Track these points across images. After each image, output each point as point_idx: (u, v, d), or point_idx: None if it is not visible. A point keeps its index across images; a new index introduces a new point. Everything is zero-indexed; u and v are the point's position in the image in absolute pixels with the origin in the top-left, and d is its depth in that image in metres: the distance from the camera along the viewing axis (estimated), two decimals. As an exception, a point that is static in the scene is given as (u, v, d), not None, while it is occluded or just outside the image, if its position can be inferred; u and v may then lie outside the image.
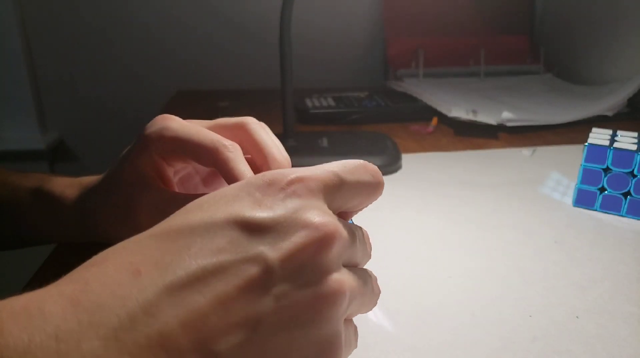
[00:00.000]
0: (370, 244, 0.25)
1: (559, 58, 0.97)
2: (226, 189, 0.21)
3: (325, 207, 0.21)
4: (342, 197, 0.22)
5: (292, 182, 0.20)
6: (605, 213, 0.44)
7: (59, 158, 1.07)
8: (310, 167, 0.22)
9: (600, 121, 0.69)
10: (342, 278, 0.20)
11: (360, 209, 0.25)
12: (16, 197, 0.35)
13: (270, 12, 0.83)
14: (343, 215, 0.25)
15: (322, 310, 0.20)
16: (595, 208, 0.44)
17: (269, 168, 0.30)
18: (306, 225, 0.19)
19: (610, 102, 0.72)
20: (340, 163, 0.23)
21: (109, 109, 1.04)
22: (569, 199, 0.46)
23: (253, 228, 0.19)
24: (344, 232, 0.21)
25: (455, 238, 0.40)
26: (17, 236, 0.37)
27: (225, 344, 0.17)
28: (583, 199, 0.44)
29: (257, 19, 1.00)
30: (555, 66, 0.95)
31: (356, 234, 0.23)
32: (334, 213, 0.21)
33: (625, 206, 0.43)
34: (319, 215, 0.20)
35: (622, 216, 0.43)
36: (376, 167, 0.24)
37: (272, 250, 0.18)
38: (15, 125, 1.00)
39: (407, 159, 0.56)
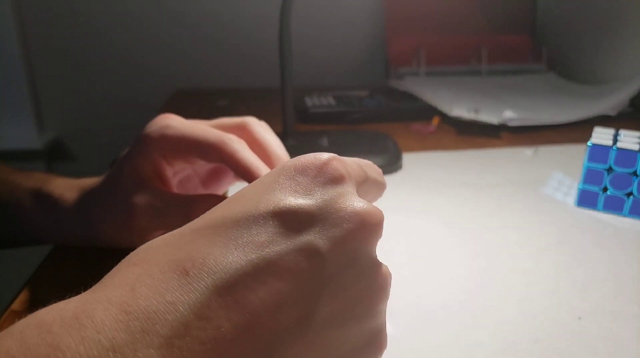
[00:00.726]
0: None
1: (561, 57, 0.96)
2: (264, 177, 0.20)
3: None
4: (363, 191, 0.22)
5: (330, 159, 0.20)
6: (608, 213, 0.43)
7: (56, 157, 1.07)
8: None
9: (603, 120, 0.69)
10: (387, 269, 0.20)
11: None
12: (15, 197, 0.35)
13: (270, 10, 0.83)
14: None
15: (378, 302, 0.19)
16: (597, 208, 0.44)
17: (273, 167, 0.30)
18: (354, 212, 0.18)
19: (612, 101, 0.72)
20: (355, 159, 0.23)
21: (107, 108, 1.04)
22: (571, 199, 0.46)
23: (299, 217, 0.18)
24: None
25: (457, 238, 0.39)
26: (16, 236, 0.37)
27: (279, 342, 0.16)
28: (585, 200, 0.44)
29: (257, 17, 0.99)
30: (558, 65, 0.94)
31: None
32: None
33: (628, 206, 0.42)
34: (362, 201, 0.19)
35: (624, 216, 0.43)
36: (379, 169, 0.25)
37: (322, 239, 0.18)
38: (12, 124, 0.99)
39: (407, 158, 0.56)
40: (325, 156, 0.20)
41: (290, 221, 0.18)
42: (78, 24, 0.99)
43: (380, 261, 0.20)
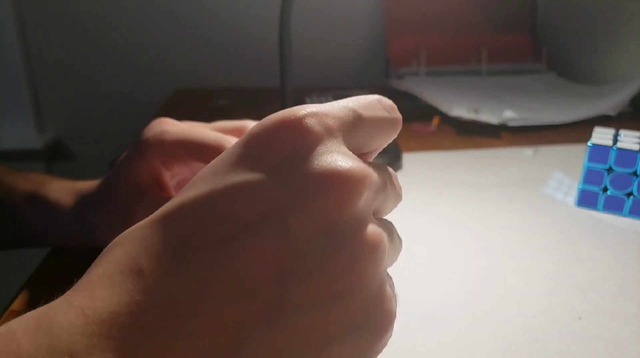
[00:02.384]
0: (399, 185, 0.22)
1: (561, 57, 0.96)
2: (228, 149, 0.18)
3: (346, 149, 0.18)
4: (362, 137, 0.19)
5: (304, 117, 0.17)
6: (608, 213, 0.43)
7: (56, 157, 1.07)
8: (323, 104, 0.19)
9: (603, 120, 0.69)
10: (376, 229, 0.17)
11: (379, 151, 0.22)
12: (11, 199, 0.35)
13: (269, 10, 0.83)
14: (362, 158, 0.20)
15: (367, 271, 0.17)
16: (597, 208, 0.44)
17: None
18: (330, 173, 0.16)
19: (613, 101, 0.72)
20: (354, 98, 0.20)
21: (107, 108, 1.04)
22: (571, 199, 0.46)
23: (263, 190, 0.16)
24: (374, 176, 0.18)
25: (457, 238, 0.39)
26: (13, 237, 0.37)
27: (247, 334, 0.15)
28: (585, 200, 0.44)
29: (257, 17, 0.99)
30: (558, 65, 0.94)
31: (385, 175, 0.20)
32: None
33: (628, 206, 0.42)
34: (342, 159, 0.17)
35: (624, 216, 0.43)
36: (391, 101, 0.22)
37: (289, 214, 0.16)
38: (12, 124, 0.99)
39: (407, 158, 0.56)
40: (301, 111, 0.17)
41: (253, 197, 0.16)
42: (78, 24, 0.99)
43: (367, 223, 0.17)
